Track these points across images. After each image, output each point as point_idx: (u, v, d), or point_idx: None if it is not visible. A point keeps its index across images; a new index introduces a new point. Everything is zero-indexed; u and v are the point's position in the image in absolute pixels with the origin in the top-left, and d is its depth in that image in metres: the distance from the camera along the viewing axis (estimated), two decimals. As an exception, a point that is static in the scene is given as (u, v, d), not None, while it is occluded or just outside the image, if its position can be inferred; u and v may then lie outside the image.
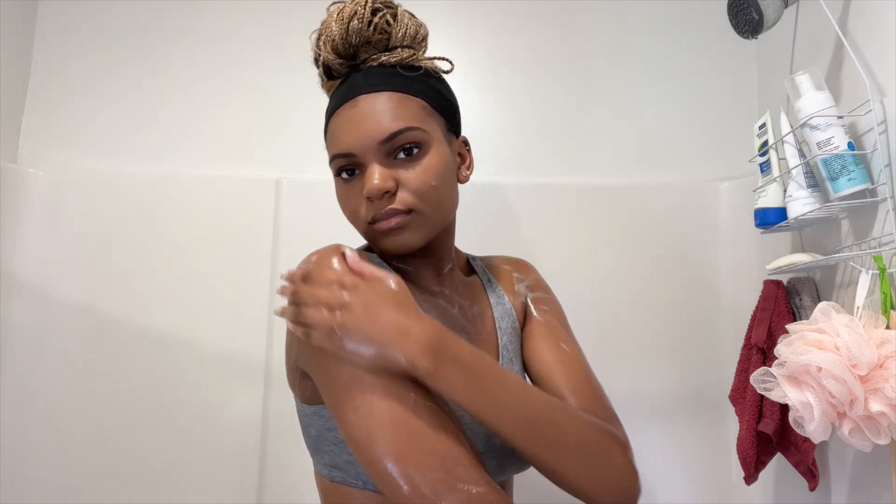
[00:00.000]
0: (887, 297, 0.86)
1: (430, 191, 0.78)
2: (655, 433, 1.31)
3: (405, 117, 0.78)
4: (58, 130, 1.43)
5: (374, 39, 0.83)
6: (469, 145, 0.90)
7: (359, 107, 0.80)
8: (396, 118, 0.78)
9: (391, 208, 0.77)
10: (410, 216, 0.77)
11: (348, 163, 0.80)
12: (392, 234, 0.78)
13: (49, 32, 1.46)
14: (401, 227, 0.77)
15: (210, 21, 1.47)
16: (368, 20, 0.82)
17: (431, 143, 0.80)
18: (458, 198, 0.86)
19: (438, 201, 0.80)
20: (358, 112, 0.80)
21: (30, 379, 1.29)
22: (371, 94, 0.80)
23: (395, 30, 0.84)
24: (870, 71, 0.96)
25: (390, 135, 0.77)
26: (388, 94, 0.80)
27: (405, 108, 0.79)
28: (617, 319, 1.35)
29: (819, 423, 0.82)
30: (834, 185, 0.93)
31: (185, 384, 1.31)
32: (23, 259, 1.32)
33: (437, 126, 0.82)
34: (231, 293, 1.34)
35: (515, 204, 1.39)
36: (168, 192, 1.37)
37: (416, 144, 0.78)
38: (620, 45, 1.47)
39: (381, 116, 0.78)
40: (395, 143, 0.77)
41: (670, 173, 1.42)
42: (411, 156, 0.78)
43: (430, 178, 0.78)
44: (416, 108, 0.80)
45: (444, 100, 0.85)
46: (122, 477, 1.29)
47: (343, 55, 0.84)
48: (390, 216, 0.77)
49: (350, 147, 0.79)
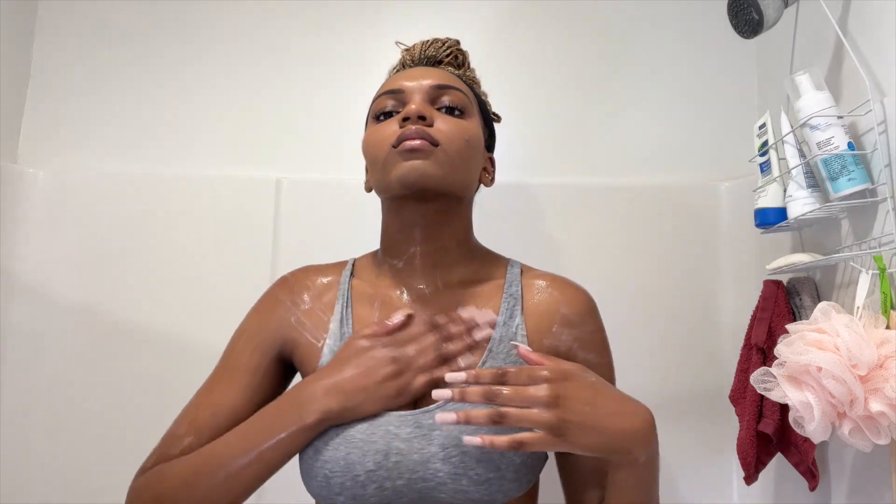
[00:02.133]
0: (887, 297, 0.86)
1: (461, 142, 0.81)
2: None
3: (458, 83, 0.86)
4: (58, 130, 1.43)
5: (447, 61, 0.93)
6: (495, 166, 0.96)
7: (416, 69, 0.88)
8: (451, 80, 0.86)
9: (422, 129, 0.78)
10: (436, 148, 0.78)
11: (393, 100, 0.83)
12: (413, 155, 0.77)
13: (49, 32, 1.45)
14: (424, 151, 0.77)
15: (210, 21, 1.47)
16: (448, 46, 0.93)
17: (472, 117, 0.85)
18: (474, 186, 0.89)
19: (464, 157, 0.82)
20: (414, 70, 0.88)
21: (30, 379, 1.29)
22: (430, 68, 0.89)
23: (465, 62, 0.96)
24: (870, 71, 0.96)
25: (443, 84, 0.83)
26: (444, 71, 0.89)
27: (459, 84, 0.87)
28: (616, 319, 1.34)
29: (819, 423, 0.82)
30: (834, 185, 0.93)
31: (185, 384, 1.30)
32: (23, 259, 1.32)
33: (477, 118, 0.88)
34: (231, 293, 1.34)
35: (515, 204, 1.39)
36: (168, 192, 1.37)
37: (459, 107, 0.84)
38: (620, 45, 1.47)
39: (437, 74, 0.86)
40: (444, 94, 0.83)
41: (670, 173, 1.42)
42: (453, 115, 0.83)
43: (465, 134, 0.82)
44: (467, 90, 0.87)
45: (488, 115, 0.94)
46: (123, 477, 1.28)
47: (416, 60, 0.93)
48: (419, 136, 0.77)
49: (401, 85, 0.84)
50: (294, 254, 1.34)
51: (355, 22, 1.47)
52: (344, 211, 1.36)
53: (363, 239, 1.02)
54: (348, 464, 0.71)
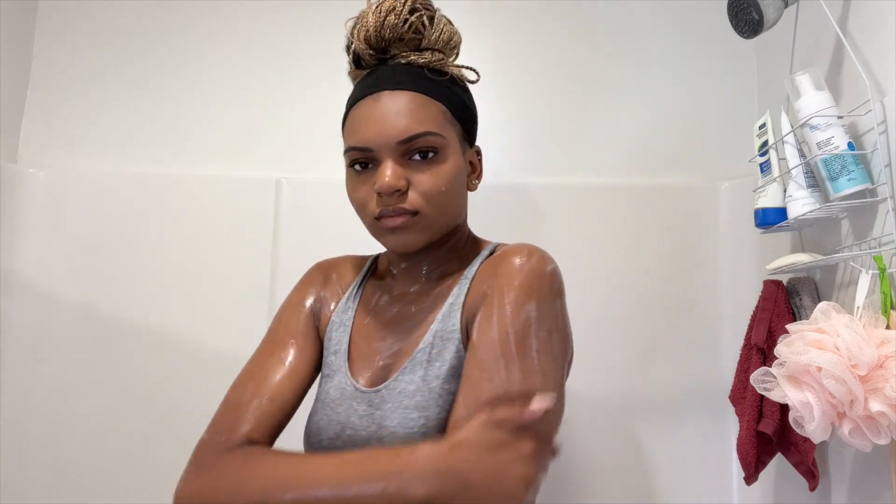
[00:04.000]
0: (887, 297, 0.86)
1: (439, 196, 0.79)
2: (655, 433, 1.31)
3: (426, 121, 0.79)
4: (58, 130, 1.43)
5: (408, 37, 0.84)
6: (481, 155, 0.92)
7: (381, 102, 0.81)
8: (418, 121, 0.79)
9: (399, 207, 0.78)
10: (416, 217, 0.79)
11: (363, 156, 0.81)
12: (396, 233, 0.80)
13: (49, 32, 1.46)
14: (405, 227, 0.79)
15: (210, 21, 1.47)
16: (405, 18, 0.83)
17: (447, 150, 0.81)
18: (465, 205, 0.88)
19: (445, 207, 0.81)
20: (380, 108, 0.80)
21: (30, 379, 1.29)
22: (395, 92, 0.81)
23: (430, 32, 0.85)
24: (870, 71, 0.96)
25: (409, 137, 0.78)
26: (411, 94, 0.81)
27: (427, 112, 0.80)
28: (617, 319, 1.35)
29: (819, 423, 0.82)
30: (834, 185, 0.93)
31: (185, 384, 1.31)
32: (23, 259, 1.32)
33: (454, 133, 0.83)
34: (231, 293, 1.34)
35: (514, 204, 1.39)
36: (168, 192, 1.37)
37: (432, 149, 0.80)
38: (620, 45, 1.47)
39: (402, 117, 0.79)
40: (413, 145, 0.79)
41: (670, 173, 1.42)
42: (426, 159, 0.79)
43: (441, 184, 0.79)
44: (436, 113, 0.81)
45: (465, 108, 0.87)
46: (122, 477, 1.29)
47: (374, 47, 0.85)
48: (397, 214, 0.78)
49: (367, 141, 0.80)
50: (294, 254, 1.34)
51: (355, 22, 1.47)
52: (344, 211, 1.33)
53: (363, 239, 1.01)
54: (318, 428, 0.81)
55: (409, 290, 0.88)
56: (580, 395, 1.32)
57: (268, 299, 1.33)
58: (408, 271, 0.90)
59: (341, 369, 0.84)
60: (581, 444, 1.31)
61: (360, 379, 0.82)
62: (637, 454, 1.31)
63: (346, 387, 0.82)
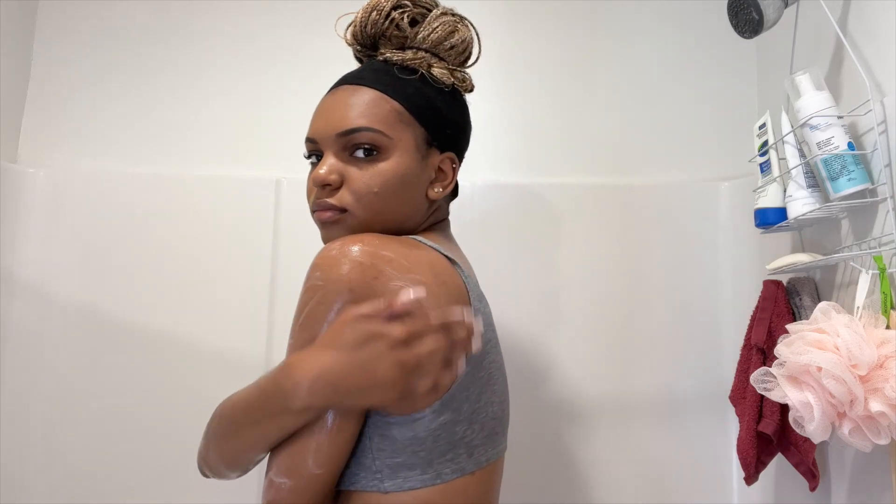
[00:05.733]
0: (887, 297, 0.86)
1: (370, 196, 0.77)
2: (655, 433, 1.31)
3: (370, 117, 0.78)
4: (58, 130, 1.43)
5: (390, 34, 0.84)
6: (457, 164, 0.86)
7: (336, 96, 0.81)
8: (361, 115, 0.78)
9: (327, 201, 0.78)
10: (343, 215, 0.78)
11: (313, 148, 0.82)
12: (325, 227, 0.80)
13: (49, 32, 1.46)
14: (332, 223, 0.79)
15: (210, 21, 1.47)
16: (387, 13, 0.83)
17: (392, 150, 0.78)
18: (418, 212, 0.83)
19: (377, 209, 0.78)
20: (332, 101, 0.81)
21: (30, 379, 1.29)
22: (351, 87, 0.81)
23: (415, 30, 0.83)
24: (870, 71, 0.96)
25: (347, 130, 0.78)
26: (366, 89, 0.80)
27: (375, 109, 0.79)
28: (617, 319, 1.35)
29: (819, 423, 0.82)
30: (834, 185, 0.93)
31: (185, 384, 1.31)
32: (23, 259, 1.32)
33: (409, 135, 0.80)
34: (231, 293, 1.34)
35: (514, 204, 1.39)
36: (168, 192, 1.37)
37: (374, 147, 0.78)
38: (620, 44, 1.47)
39: (347, 110, 0.79)
40: (352, 139, 0.78)
41: (670, 173, 1.42)
42: (369, 157, 0.78)
43: (375, 184, 0.77)
44: (387, 111, 0.79)
45: (432, 110, 0.82)
46: (122, 477, 1.29)
47: (360, 42, 0.86)
48: (325, 208, 0.78)
49: (314, 133, 0.81)
50: (294, 254, 1.34)
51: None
52: (344, 211, 1.36)
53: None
54: None
55: None
56: (580, 395, 1.33)
57: (268, 299, 1.33)
58: None
59: None
60: (581, 443, 1.31)
61: None
62: (637, 454, 1.31)
63: None
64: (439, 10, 0.85)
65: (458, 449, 0.72)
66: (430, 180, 0.83)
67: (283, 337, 0.78)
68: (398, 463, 0.69)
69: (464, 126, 0.88)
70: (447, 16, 0.85)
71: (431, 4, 0.86)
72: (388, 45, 0.84)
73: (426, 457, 0.70)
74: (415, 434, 0.69)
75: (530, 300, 1.35)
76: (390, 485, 0.69)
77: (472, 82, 0.89)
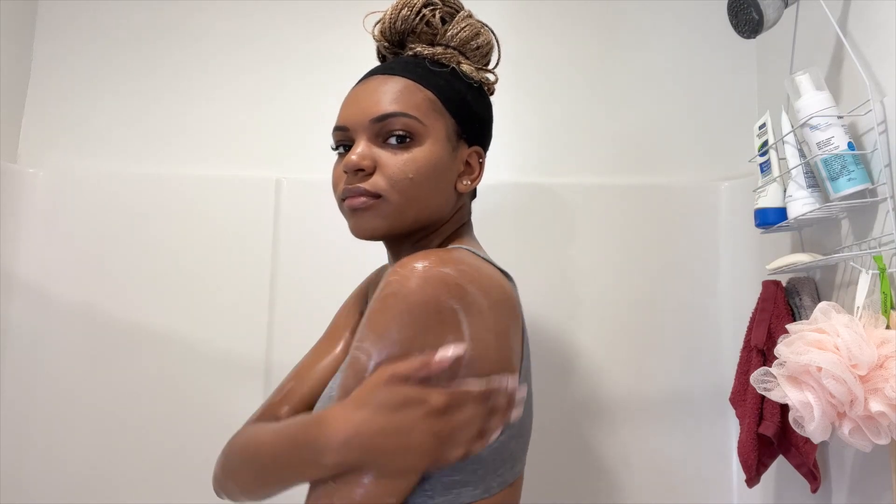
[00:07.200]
0: (887, 297, 0.85)
1: (406, 182, 0.76)
2: (655, 433, 1.31)
3: (404, 104, 0.78)
4: (58, 130, 1.43)
5: (420, 30, 0.84)
6: (483, 158, 0.87)
7: (368, 85, 0.81)
8: (395, 102, 0.78)
9: (360, 186, 0.76)
10: (377, 201, 0.76)
11: (342, 137, 0.80)
12: (356, 215, 0.78)
13: (49, 32, 1.46)
14: (365, 209, 0.77)
15: (210, 21, 1.47)
16: (417, 10, 0.83)
17: (426, 138, 0.78)
18: (448, 204, 0.82)
19: (412, 196, 0.77)
20: (364, 89, 0.81)
21: (30, 379, 1.29)
22: (384, 76, 0.81)
23: (445, 28, 0.84)
24: (870, 71, 0.96)
25: (382, 115, 0.77)
26: (399, 78, 0.80)
27: (409, 96, 0.79)
28: (617, 319, 1.35)
29: (819, 423, 0.82)
30: (834, 185, 0.93)
31: (185, 384, 1.31)
32: (23, 259, 1.32)
33: (441, 124, 0.80)
34: (231, 293, 1.34)
35: (514, 204, 1.39)
36: (168, 192, 1.37)
37: (408, 134, 0.77)
38: (619, 45, 1.47)
39: (381, 97, 0.78)
40: (387, 125, 0.77)
41: (670, 173, 1.42)
42: (402, 144, 0.77)
43: (410, 170, 0.76)
44: (421, 100, 0.79)
45: (462, 103, 0.83)
46: (122, 477, 1.29)
47: (388, 39, 0.86)
48: (358, 194, 0.76)
49: (345, 120, 0.80)
50: (294, 254, 1.34)
51: (355, 22, 1.46)
52: (344, 211, 1.36)
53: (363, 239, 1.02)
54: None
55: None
56: (578, 394, 1.32)
57: (268, 299, 1.33)
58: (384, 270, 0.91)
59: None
60: (581, 444, 1.31)
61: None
62: (637, 454, 1.31)
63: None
64: (465, 13, 0.87)
65: (507, 463, 0.72)
66: (459, 173, 0.83)
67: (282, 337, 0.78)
68: (455, 480, 0.68)
69: (489, 123, 0.89)
70: (472, 19, 0.87)
71: (458, 6, 0.87)
72: (416, 40, 0.85)
73: (483, 474, 0.69)
74: (478, 454, 0.68)
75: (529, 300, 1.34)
76: (441, 501, 0.67)
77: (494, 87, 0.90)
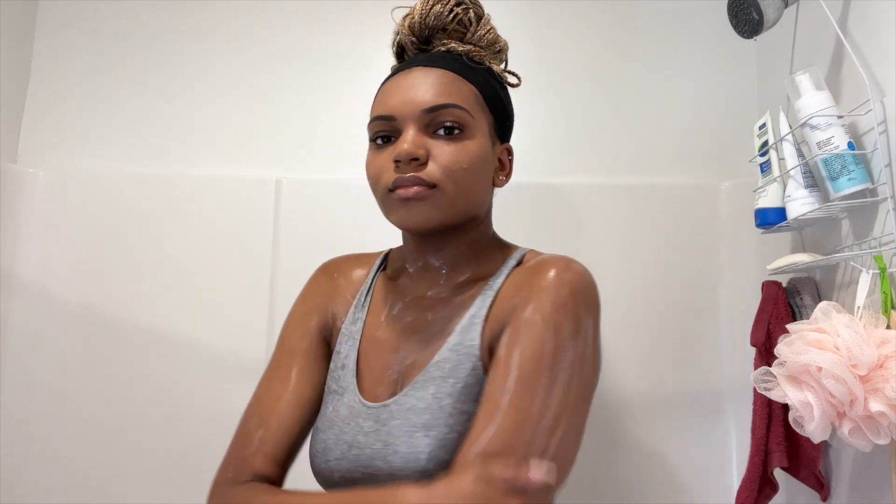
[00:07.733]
0: (887, 297, 0.85)
1: (461, 172, 0.76)
2: (654, 433, 1.31)
3: (456, 95, 0.78)
4: (58, 130, 1.43)
5: (451, 28, 0.84)
6: (512, 156, 0.88)
7: (412, 75, 0.80)
8: (446, 93, 0.77)
9: (416, 175, 0.74)
10: (432, 191, 0.75)
11: (387, 127, 0.79)
12: (408, 205, 0.76)
13: (49, 32, 1.45)
14: (420, 199, 0.75)
15: (210, 21, 1.47)
16: (451, 8, 0.84)
17: (475, 131, 0.78)
18: (488, 198, 0.84)
19: (465, 186, 0.77)
20: (409, 80, 0.79)
21: (30, 379, 1.29)
22: (427, 68, 0.80)
23: (475, 28, 0.85)
24: (870, 71, 0.96)
25: (436, 106, 0.76)
26: (444, 71, 0.80)
27: (458, 88, 0.79)
28: (616, 319, 1.35)
29: (819, 422, 0.82)
30: (834, 184, 0.93)
31: (185, 384, 1.31)
32: (23, 259, 1.32)
33: (484, 120, 0.81)
34: (231, 293, 1.34)
35: (515, 204, 1.39)
36: (168, 192, 1.37)
37: (459, 126, 0.77)
38: (619, 46, 1.47)
39: (431, 87, 0.78)
40: (439, 116, 0.76)
41: (670, 173, 1.42)
42: (451, 135, 0.77)
43: (464, 160, 0.76)
44: (468, 92, 0.80)
45: (499, 101, 0.84)
46: (122, 477, 1.29)
47: (417, 35, 0.85)
48: (413, 184, 0.74)
49: (392, 110, 0.78)
50: (294, 254, 1.34)
51: (355, 21, 1.47)
52: (344, 210, 1.36)
53: (364, 239, 1.02)
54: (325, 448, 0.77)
55: (425, 295, 0.83)
56: (580, 395, 1.32)
57: (268, 299, 1.33)
58: (425, 270, 0.84)
59: (350, 386, 0.80)
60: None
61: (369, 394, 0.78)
62: (637, 454, 1.31)
63: (354, 404, 0.78)
64: (488, 17, 0.88)
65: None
66: (495, 168, 0.84)
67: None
68: None
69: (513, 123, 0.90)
70: (492, 24, 0.88)
71: (483, 10, 0.88)
72: (446, 37, 0.85)
73: None
74: None
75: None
76: None
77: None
